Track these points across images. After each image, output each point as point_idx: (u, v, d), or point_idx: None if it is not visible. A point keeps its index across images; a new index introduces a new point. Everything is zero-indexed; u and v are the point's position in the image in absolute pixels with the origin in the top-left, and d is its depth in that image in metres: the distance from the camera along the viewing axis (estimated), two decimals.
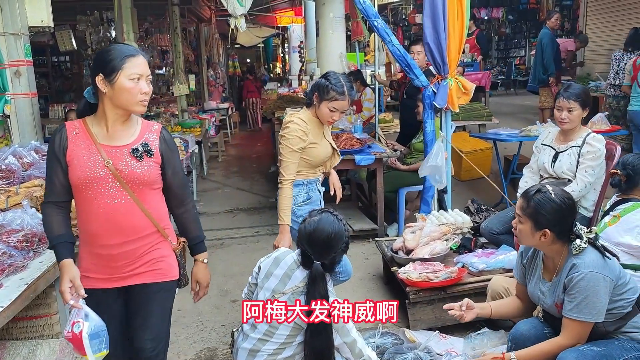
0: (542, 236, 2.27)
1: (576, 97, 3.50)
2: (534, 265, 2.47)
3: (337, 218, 2.35)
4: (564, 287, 2.25)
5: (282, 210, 2.92)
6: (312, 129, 2.94)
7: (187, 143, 6.10)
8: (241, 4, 5.16)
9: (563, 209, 2.25)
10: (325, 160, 3.05)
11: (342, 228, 2.34)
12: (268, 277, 2.40)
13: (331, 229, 2.30)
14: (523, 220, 2.31)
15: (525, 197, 2.32)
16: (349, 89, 2.88)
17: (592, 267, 2.19)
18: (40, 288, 2.41)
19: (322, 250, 2.31)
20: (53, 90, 13.17)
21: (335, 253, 2.32)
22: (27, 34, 3.94)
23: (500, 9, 16.30)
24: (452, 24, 3.78)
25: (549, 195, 2.26)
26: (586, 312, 2.17)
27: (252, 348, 2.37)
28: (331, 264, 2.34)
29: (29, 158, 3.43)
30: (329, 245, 2.30)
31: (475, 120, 6.93)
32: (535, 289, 2.43)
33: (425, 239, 3.60)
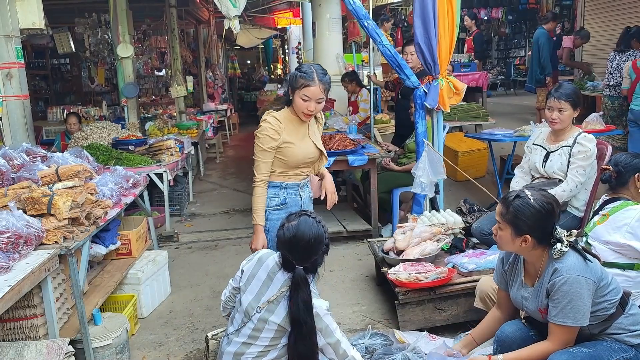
0: (522, 242, 2.25)
1: (567, 97, 3.48)
2: (515, 271, 2.46)
3: (315, 220, 2.33)
4: (547, 292, 2.24)
5: (254, 210, 2.88)
6: (287, 128, 2.84)
7: (183, 144, 6.10)
8: (235, 5, 5.17)
9: (542, 213, 2.22)
10: (306, 161, 2.91)
11: (322, 231, 2.33)
12: (251, 279, 2.39)
13: (311, 233, 2.29)
14: (503, 227, 2.29)
15: (504, 203, 2.29)
16: (319, 75, 2.73)
17: (574, 270, 2.18)
18: (25, 289, 2.40)
19: (303, 255, 2.30)
20: (52, 93, 13.19)
21: (316, 256, 2.32)
22: (19, 36, 3.94)
23: (500, 9, 16.25)
24: (442, 24, 3.76)
25: (528, 201, 2.23)
26: (571, 317, 2.16)
27: (236, 351, 2.36)
28: (313, 267, 2.34)
29: (19, 160, 3.43)
30: (310, 249, 2.30)
31: (471, 120, 6.91)
32: (518, 294, 2.41)
33: (416, 240, 3.59)
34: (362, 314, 3.66)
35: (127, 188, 3.91)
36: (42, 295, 2.65)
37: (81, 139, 5.74)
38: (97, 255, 3.57)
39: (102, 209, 3.17)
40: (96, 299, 3.25)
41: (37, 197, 2.81)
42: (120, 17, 6.52)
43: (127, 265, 3.77)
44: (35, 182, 3.11)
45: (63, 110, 8.94)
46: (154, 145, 5.63)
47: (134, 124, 6.72)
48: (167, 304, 4.03)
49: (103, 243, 3.61)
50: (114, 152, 5.27)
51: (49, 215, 2.80)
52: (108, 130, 6.05)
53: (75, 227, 2.89)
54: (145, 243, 4.17)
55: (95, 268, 3.69)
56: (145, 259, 3.98)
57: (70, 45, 9.91)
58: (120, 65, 6.68)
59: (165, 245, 5.19)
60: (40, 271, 2.51)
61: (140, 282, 3.74)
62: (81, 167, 3.17)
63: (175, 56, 9.08)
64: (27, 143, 3.75)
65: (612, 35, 9.10)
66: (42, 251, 2.67)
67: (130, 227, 4.08)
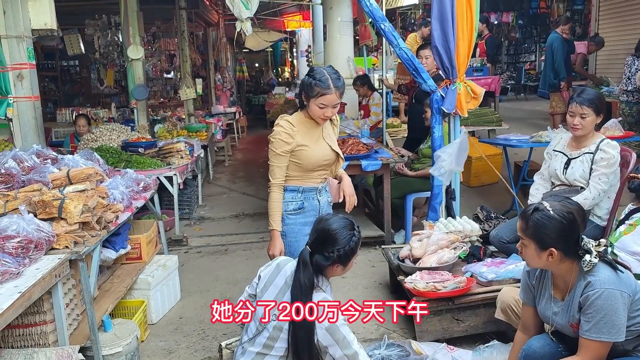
0: (548, 256, 2.16)
1: (589, 103, 3.39)
2: (543, 285, 2.37)
3: (350, 221, 2.29)
4: (579, 307, 2.15)
5: (270, 216, 2.81)
6: (301, 131, 2.79)
7: (193, 147, 6.04)
8: (247, 7, 5.12)
9: (564, 224, 2.14)
10: (323, 164, 2.86)
11: (347, 237, 2.25)
12: (267, 286, 2.32)
13: (336, 225, 2.25)
14: (526, 242, 2.21)
15: (524, 218, 2.21)
16: (334, 80, 2.68)
17: (608, 283, 2.09)
18: (35, 296, 2.33)
19: (319, 241, 2.26)
20: (61, 94, 13.21)
21: (327, 252, 2.24)
22: (30, 37, 3.90)
23: (510, 13, 16.16)
24: (461, 27, 3.68)
25: (547, 212, 2.15)
26: (605, 332, 2.06)
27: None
28: (319, 261, 2.24)
29: (30, 162, 3.37)
30: (326, 239, 2.25)
31: (484, 125, 6.82)
32: (546, 309, 2.32)
33: (433, 247, 3.50)
34: (376, 323, 3.56)
35: (138, 191, 3.85)
36: (52, 301, 2.58)
37: (90, 141, 5.69)
38: (107, 260, 3.50)
39: (113, 213, 3.11)
40: (106, 305, 3.18)
41: (48, 201, 2.74)
42: (131, 18, 6.49)
43: (137, 270, 3.70)
44: (45, 184, 3.05)
45: (72, 112, 8.93)
46: (164, 147, 5.58)
47: (144, 126, 6.67)
48: (177, 309, 3.96)
49: (113, 247, 3.54)
50: (124, 155, 5.22)
51: (60, 219, 2.74)
52: (117, 132, 6.00)
53: (86, 232, 2.82)
54: (155, 247, 4.10)
55: (105, 273, 3.62)
56: (155, 263, 3.91)
57: (80, 47, 9.88)
58: (130, 67, 6.64)
59: (174, 249, 5.13)
60: (50, 277, 2.44)
61: (150, 287, 3.67)
62: (92, 170, 3.11)
63: (185, 58, 9.06)
64: (37, 145, 3.69)
65: (627, 40, 8.99)
66: (53, 256, 2.60)
67: (140, 231, 4.02)
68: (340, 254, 2.25)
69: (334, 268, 2.29)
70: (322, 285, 2.29)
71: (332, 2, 7.79)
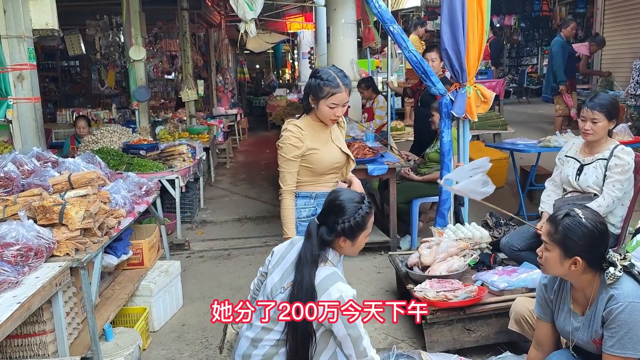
0: (572, 264, 2.08)
1: (601, 108, 3.31)
2: (561, 299, 2.28)
3: (361, 201, 2.19)
4: (602, 321, 2.06)
5: (284, 224, 2.76)
6: (310, 134, 2.73)
7: (195, 150, 5.95)
8: (251, 8, 5.03)
9: (595, 234, 2.05)
10: (334, 166, 2.81)
11: (354, 208, 2.16)
12: (280, 261, 2.25)
13: (344, 199, 2.18)
14: (550, 247, 2.12)
15: (553, 222, 2.12)
16: (342, 78, 2.65)
17: (632, 297, 2.01)
18: (35, 306, 2.25)
19: (326, 212, 2.20)
20: (62, 95, 13.13)
21: (333, 221, 2.16)
22: (31, 37, 3.81)
23: (513, 16, 16.09)
24: (471, 30, 3.61)
25: (580, 220, 2.06)
26: (630, 347, 1.98)
27: (254, 337, 2.21)
28: (324, 233, 2.17)
29: (30, 165, 3.28)
30: (333, 209, 2.17)
31: (490, 129, 6.74)
32: (566, 324, 2.24)
33: (442, 255, 3.42)
34: (384, 332, 3.48)
35: (140, 195, 3.77)
36: (53, 310, 2.50)
37: (91, 143, 5.61)
38: (109, 266, 3.42)
39: (115, 219, 3.03)
40: (107, 313, 3.10)
41: (49, 206, 2.66)
42: (133, 19, 6.40)
43: (139, 276, 3.62)
44: (46, 189, 2.96)
45: (72, 113, 8.84)
46: (166, 150, 5.49)
47: (145, 128, 6.58)
48: (179, 316, 3.87)
49: (115, 253, 3.46)
50: (125, 157, 5.13)
51: (61, 225, 2.66)
52: (119, 134, 5.92)
53: (87, 238, 2.74)
54: (157, 253, 4.02)
55: (106, 279, 3.54)
56: (157, 269, 3.83)
57: (81, 47, 9.81)
58: (132, 68, 6.55)
59: (176, 254, 5.04)
60: (51, 286, 2.36)
61: (152, 294, 3.59)
62: (95, 174, 3.03)
63: (187, 59, 8.97)
64: (37, 148, 3.60)
65: (632, 43, 8.93)
66: (53, 264, 2.52)
67: (142, 236, 3.94)
68: (345, 226, 2.14)
69: (341, 242, 2.19)
70: (333, 259, 2.20)
71: (336, 4, 7.70)
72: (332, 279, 2.10)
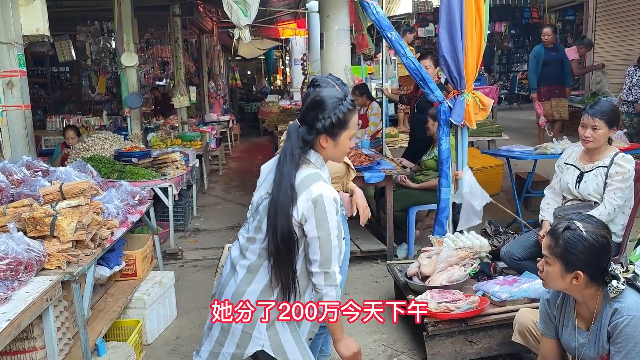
0: (573, 279, 2.03)
1: (601, 115, 3.28)
2: (564, 314, 2.24)
3: (343, 97, 2.05)
4: (608, 336, 2.02)
5: None
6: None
7: (188, 157, 5.87)
8: (246, 14, 4.98)
9: (597, 247, 2.01)
10: (335, 176, 2.73)
11: (334, 103, 2.03)
12: (269, 175, 2.15)
13: (325, 94, 2.05)
14: (551, 261, 2.07)
15: (553, 235, 2.07)
16: (340, 86, 2.41)
17: (637, 310, 1.97)
18: (25, 323, 2.16)
19: (307, 109, 2.08)
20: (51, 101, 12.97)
21: (313, 117, 2.04)
22: (22, 43, 3.73)
23: (503, 23, 16.22)
24: (470, 36, 3.58)
25: (580, 233, 2.02)
26: None
27: (242, 245, 2.15)
28: (305, 132, 2.06)
29: (20, 175, 3.19)
30: (313, 105, 2.05)
31: (484, 136, 6.72)
32: (571, 340, 2.19)
33: (442, 265, 3.37)
34: (383, 343, 3.42)
35: (133, 205, 3.68)
36: (43, 326, 2.40)
37: (82, 150, 5.51)
38: (101, 278, 3.33)
39: (108, 230, 2.95)
40: (99, 327, 3.00)
41: (39, 217, 2.57)
42: (125, 25, 6.32)
43: (132, 287, 3.53)
44: (36, 199, 2.88)
45: (62, 120, 8.71)
46: (159, 157, 5.41)
47: (137, 135, 6.49)
48: (173, 329, 3.78)
49: (107, 264, 3.37)
50: (117, 165, 5.04)
51: (52, 237, 2.57)
52: (110, 141, 5.83)
53: (79, 250, 2.66)
54: (150, 263, 3.93)
55: (98, 291, 3.44)
56: (151, 280, 3.74)
57: (72, 53, 9.70)
58: (124, 74, 6.46)
59: (169, 263, 4.95)
60: (41, 301, 2.27)
61: (146, 306, 3.50)
62: (87, 183, 2.94)
63: (179, 66, 8.90)
64: (27, 156, 3.52)
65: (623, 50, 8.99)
66: (44, 277, 2.44)
67: (134, 246, 3.85)
68: (325, 123, 2.02)
69: (322, 141, 2.06)
70: (316, 162, 2.08)
71: (330, 10, 7.66)
72: (314, 178, 2.01)
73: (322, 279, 2.00)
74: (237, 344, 2.09)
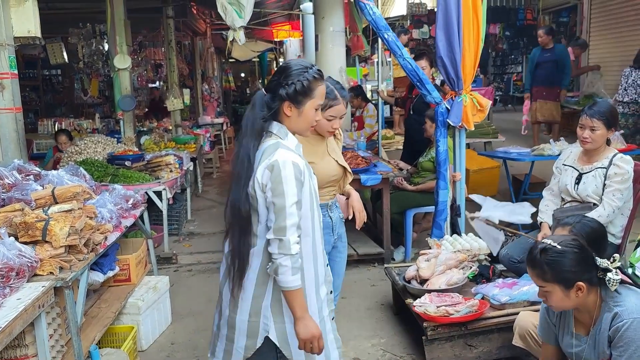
0: (577, 292, 2.01)
1: (600, 116, 3.27)
2: (564, 321, 2.22)
3: (310, 66, 2.04)
4: (609, 340, 2.00)
5: None
6: (306, 148, 2.53)
7: (182, 160, 5.81)
8: (240, 15, 4.95)
9: (577, 253, 2.00)
10: (331, 180, 2.70)
11: (299, 69, 2.01)
12: None
13: (292, 62, 2.06)
14: (549, 288, 2.04)
15: (535, 265, 2.04)
16: (340, 90, 2.60)
17: (637, 312, 1.96)
18: (17, 330, 2.11)
19: (273, 77, 2.06)
20: (43, 104, 12.85)
21: (277, 83, 2.02)
22: (13, 45, 3.66)
23: (498, 24, 16.26)
24: (467, 37, 3.55)
25: (556, 249, 2.00)
26: None
27: None
28: (269, 100, 2.03)
29: (11, 179, 3.12)
30: (279, 71, 2.05)
31: (481, 137, 6.70)
32: (569, 346, 2.17)
33: (441, 268, 3.33)
34: (381, 348, 3.38)
35: (127, 209, 3.63)
36: (35, 333, 2.34)
37: (75, 154, 5.44)
38: (94, 283, 3.27)
39: (101, 234, 2.89)
40: (93, 333, 2.94)
41: (31, 222, 2.52)
42: (117, 27, 6.25)
43: (126, 293, 3.47)
44: (28, 203, 2.81)
45: (54, 123, 8.61)
46: (153, 160, 5.35)
47: (130, 138, 6.42)
48: (168, 334, 3.72)
49: (101, 269, 3.31)
50: (110, 168, 4.98)
51: (44, 242, 2.51)
52: (103, 145, 5.76)
53: (72, 256, 2.60)
54: (145, 268, 3.87)
55: (91, 297, 3.38)
56: (145, 285, 3.68)
57: (63, 56, 9.62)
58: (117, 77, 6.40)
59: (163, 268, 4.88)
60: (33, 308, 2.21)
61: (140, 311, 3.44)
62: (80, 187, 2.88)
63: (172, 68, 8.84)
64: (19, 160, 3.45)
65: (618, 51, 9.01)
66: (36, 283, 2.38)
67: (128, 250, 3.79)
68: (289, 90, 1.99)
69: (286, 109, 2.02)
70: (279, 132, 2.04)
71: (325, 12, 7.64)
72: (274, 147, 1.98)
73: (275, 246, 1.94)
74: (247, 335, 2.08)
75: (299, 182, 1.96)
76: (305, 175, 2.01)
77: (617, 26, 9.25)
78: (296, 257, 1.95)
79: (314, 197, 2.11)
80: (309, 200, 2.05)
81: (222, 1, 4.94)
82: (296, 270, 1.95)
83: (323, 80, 2.10)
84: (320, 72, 2.09)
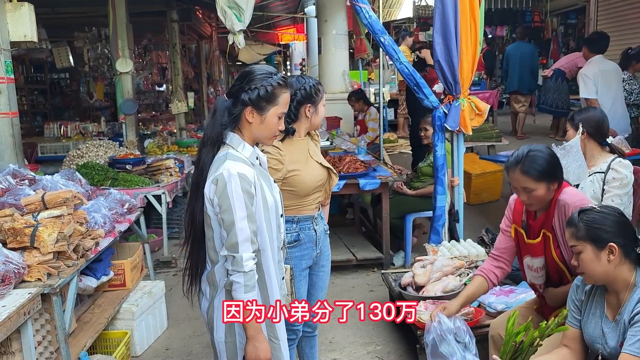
0: (609, 254, 1.96)
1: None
2: (593, 302, 2.12)
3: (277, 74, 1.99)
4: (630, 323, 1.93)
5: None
6: (289, 154, 2.51)
7: (183, 164, 5.81)
8: (239, 19, 4.92)
9: (618, 217, 2.00)
10: (317, 185, 2.60)
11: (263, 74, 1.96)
12: None
13: (256, 68, 2.01)
14: (580, 247, 2.00)
15: (572, 224, 2.04)
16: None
17: None
18: (1, 338, 2.09)
19: (235, 82, 2.01)
20: (51, 108, 12.94)
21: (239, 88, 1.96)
22: (9, 50, 3.66)
23: (505, 27, 16.14)
24: (464, 41, 3.51)
25: (596, 209, 2.03)
26: None
27: None
28: (231, 105, 1.96)
29: (4, 184, 3.13)
30: (242, 76, 2.00)
31: (484, 141, 6.64)
32: (596, 329, 2.08)
33: (437, 274, 3.28)
34: (377, 355, 3.34)
35: (122, 213, 3.62)
36: (22, 341, 2.33)
37: (76, 157, 5.46)
38: (87, 289, 3.26)
39: (92, 240, 2.87)
40: (84, 339, 2.93)
41: (19, 228, 2.51)
42: (119, 31, 6.27)
43: (121, 298, 3.46)
44: (19, 209, 2.81)
45: (60, 126, 8.66)
46: (153, 164, 5.35)
47: (132, 142, 6.43)
48: (163, 340, 3.70)
49: (94, 275, 3.29)
50: (110, 172, 4.98)
51: (33, 248, 2.50)
52: (105, 148, 5.78)
53: (61, 262, 2.59)
54: (140, 272, 3.86)
55: (85, 302, 3.38)
56: (140, 290, 3.66)
57: (69, 60, 9.68)
58: (119, 80, 6.42)
59: (162, 272, 4.87)
60: (18, 315, 2.20)
61: (134, 317, 3.42)
62: (70, 193, 2.87)
63: (177, 72, 8.86)
64: (14, 164, 3.46)
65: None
66: (23, 290, 2.37)
67: (124, 255, 3.78)
68: (252, 95, 1.92)
69: (248, 114, 1.95)
70: (230, 141, 1.97)
71: (327, 15, 7.65)
72: (222, 159, 1.91)
73: (229, 263, 1.88)
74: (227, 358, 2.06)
75: (248, 195, 1.89)
76: (257, 186, 1.94)
77: (624, 27, 9.15)
78: (250, 274, 1.88)
79: (273, 208, 2.03)
80: (262, 212, 1.97)
81: (222, 5, 4.92)
82: (249, 287, 1.88)
83: (287, 87, 2.03)
84: (285, 79, 2.03)
